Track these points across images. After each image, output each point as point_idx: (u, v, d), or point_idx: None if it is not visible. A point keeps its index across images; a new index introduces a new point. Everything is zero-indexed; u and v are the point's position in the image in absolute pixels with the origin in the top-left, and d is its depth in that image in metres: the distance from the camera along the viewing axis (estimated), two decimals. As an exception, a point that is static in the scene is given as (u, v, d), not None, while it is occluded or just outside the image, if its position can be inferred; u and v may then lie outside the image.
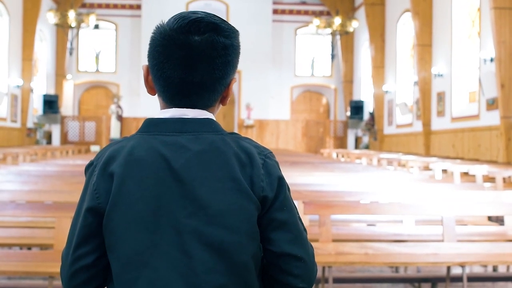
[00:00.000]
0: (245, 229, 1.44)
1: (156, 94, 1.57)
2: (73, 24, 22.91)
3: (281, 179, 1.50)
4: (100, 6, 26.04)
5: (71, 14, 22.50)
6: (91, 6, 25.71)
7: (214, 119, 1.53)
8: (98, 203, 1.44)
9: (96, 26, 24.85)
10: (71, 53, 25.35)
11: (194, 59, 1.46)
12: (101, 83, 26.92)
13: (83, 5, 25.32)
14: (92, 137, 25.02)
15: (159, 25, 1.51)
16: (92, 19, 23.07)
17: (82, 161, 10.24)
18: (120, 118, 23.96)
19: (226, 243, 1.41)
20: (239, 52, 1.56)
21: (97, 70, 26.90)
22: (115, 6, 26.41)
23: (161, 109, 1.55)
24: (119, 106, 23.96)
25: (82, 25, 23.30)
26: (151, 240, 1.40)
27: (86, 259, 1.46)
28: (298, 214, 1.54)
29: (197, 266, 1.39)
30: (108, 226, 1.43)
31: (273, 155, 1.53)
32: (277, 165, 1.52)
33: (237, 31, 1.55)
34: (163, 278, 1.39)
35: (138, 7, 26.00)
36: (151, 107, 24.56)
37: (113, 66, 26.75)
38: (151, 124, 1.50)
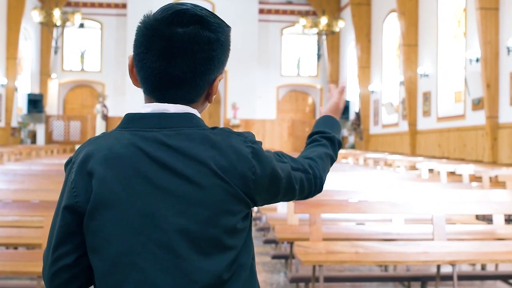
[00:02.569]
0: (233, 227, 1.40)
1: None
2: (58, 23, 22.80)
3: (271, 160, 1.49)
4: (85, 4, 25.91)
5: (56, 13, 22.39)
6: (76, 4, 25.58)
7: (197, 114, 1.48)
8: (76, 202, 1.38)
9: (81, 25, 24.73)
10: (56, 52, 25.20)
11: (174, 51, 1.41)
12: (86, 82, 26.79)
13: (68, 4, 25.17)
14: (77, 137, 24.87)
15: (145, 15, 1.47)
16: (77, 18, 22.98)
17: (68, 160, 10.16)
18: (105, 117, 23.83)
19: (215, 241, 1.37)
20: (228, 48, 1.51)
21: (82, 69, 26.78)
22: (101, 5, 26.28)
23: (144, 102, 1.50)
24: (104, 106, 23.84)
25: (67, 23, 23.21)
26: (137, 240, 1.35)
27: (66, 259, 1.41)
28: (291, 163, 1.61)
29: (186, 266, 1.34)
30: (90, 227, 1.38)
31: (254, 135, 1.51)
32: (261, 145, 1.51)
33: (227, 26, 1.50)
34: (150, 280, 1.34)
35: (124, 6, 25.90)
36: (136, 106, 24.54)
37: (98, 65, 26.63)
38: (130, 120, 1.45)
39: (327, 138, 1.85)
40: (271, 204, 4.03)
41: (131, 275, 1.35)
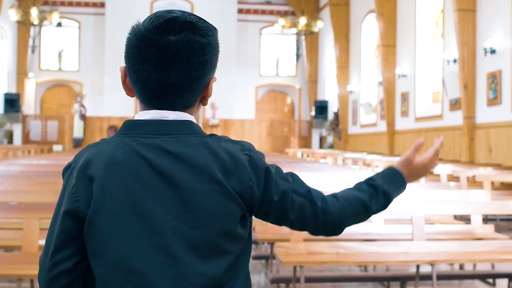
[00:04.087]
0: (230, 232, 1.43)
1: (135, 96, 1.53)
2: (36, 22, 22.56)
3: (268, 170, 1.50)
4: (63, 3, 25.71)
5: (34, 12, 22.17)
6: (54, 3, 25.38)
7: (194, 121, 1.51)
8: (77, 207, 1.40)
9: (59, 24, 24.46)
10: (33, 51, 24.98)
11: (170, 59, 1.42)
12: (64, 81, 26.57)
13: (46, 2, 24.97)
14: (54, 137, 24.68)
15: (134, 26, 1.48)
16: (55, 17, 22.73)
17: (46, 161, 10.08)
18: (83, 117, 23.70)
19: (212, 246, 1.40)
20: (218, 51, 1.53)
21: (60, 69, 26.55)
22: (78, 4, 26.10)
23: (140, 110, 1.52)
24: (82, 105, 23.70)
25: (45, 22, 22.95)
26: (137, 244, 1.37)
27: (65, 264, 1.42)
28: (292, 182, 1.56)
29: (184, 270, 1.37)
30: (91, 231, 1.39)
31: (253, 146, 1.53)
32: (261, 156, 1.52)
33: (215, 29, 1.52)
34: (150, 283, 1.36)
35: (102, 5, 25.73)
36: (114, 106, 24.60)
37: (76, 65, 26.43)
38: (130, 126, 1.47)
39: (370, 185, 1.70)
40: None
41: (130, 278, 1.37)
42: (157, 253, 1.37)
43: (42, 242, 4.21)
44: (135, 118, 1.49)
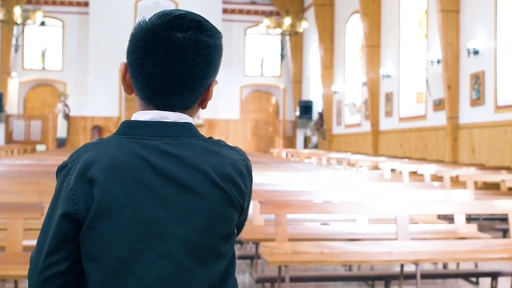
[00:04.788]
0: (228, 234, 1.44)
1: (134, 94, 1.51)
2: (19, 21, 22.38)
3: (252, 179, 1.55)
4: (46, 2, 25.54)
5: (17, 10, 21.99)
6: (37, 2, 25.17)
7: (194, 123, 1.50)
8: (75, 210, 1.37)
9: (43, 23, 24.33)
10: (16, 50, 24.77)
11: (176, 56, 1.41)
12: (47, 81, 26.40)
13: (29, 1, 24.77)
14: (38, 136, 24.53)
15: (140, 21, 1.47)
16: (38, 16, 22.57)
17: (30, 161, 10.02)
18: (67, 117, 23.57)
19: (212, 250, 1.40)
20: (222, 54, 1.53)
21: (43, 68, 26.36)
22: (62, 3, 25.94)
23: (139, 109, 1.49)
24: (66, 105, 23.57)
25: (28, 21, 22.77)
26: (137, 248, 1.35)
27: (59, 266, 1.39)
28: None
29: (184, 275, 1.36)
30: (90, 235, 1.37)
31: (244, 152, 1.56)
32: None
33: (220, 32, 1.52)
34: (149, 287, 1.35)
35: (86, 4, 25.60)
36: (98, 106, 24.49)
37: (59, 64, 26.24)
38: (129, 127, 1.44)
39: None
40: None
41: (130, 283, 1.35)
42: (158, 258, 1.35)
43: (26, 242, 4.18)
44: (134, 118, 1.47)
